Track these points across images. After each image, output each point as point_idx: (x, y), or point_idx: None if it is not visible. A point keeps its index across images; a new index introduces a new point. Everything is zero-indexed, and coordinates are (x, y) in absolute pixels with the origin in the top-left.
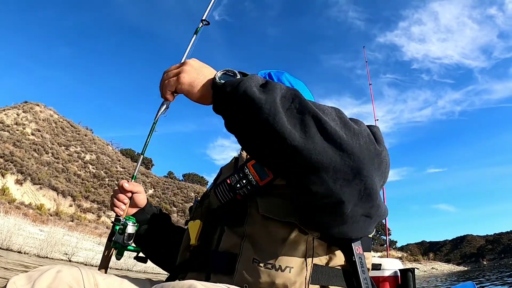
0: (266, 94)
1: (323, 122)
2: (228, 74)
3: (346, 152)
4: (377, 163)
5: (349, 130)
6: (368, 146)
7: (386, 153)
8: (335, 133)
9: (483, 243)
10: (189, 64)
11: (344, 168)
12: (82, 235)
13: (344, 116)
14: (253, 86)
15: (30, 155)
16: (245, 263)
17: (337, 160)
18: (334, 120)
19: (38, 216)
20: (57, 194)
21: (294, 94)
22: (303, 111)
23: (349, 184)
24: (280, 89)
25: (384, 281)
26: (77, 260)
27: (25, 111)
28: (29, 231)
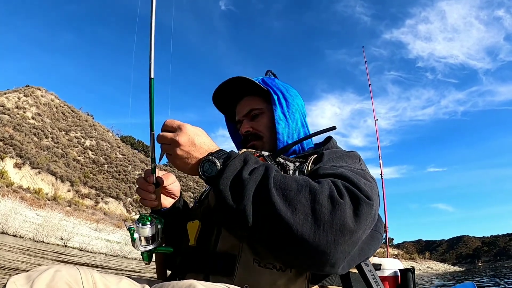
0: (237, 197)
1: (290, 226)
2: (210, 162)
3: (313, 252)
4: (349, 246)
5: (318, 226)
6: (337, 239)
7: (368, 222)
8: (301, 236)
9: (479, 245)
10: (181, 145)
11: (310, 262)
12: (79, 221)
13: (318, 207)
14: (227, 187)
15: (30, 139)
16: (245, 263)
17: (304, 258)
18: (305, 217)
19: (36, 200)
20: (55, 179)
21: (266, 193)
22: (272, 213)
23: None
24: (252, 186)
25: (384, 281)
26: (72, 246)
27: (26, 95)
28: (26, 215)
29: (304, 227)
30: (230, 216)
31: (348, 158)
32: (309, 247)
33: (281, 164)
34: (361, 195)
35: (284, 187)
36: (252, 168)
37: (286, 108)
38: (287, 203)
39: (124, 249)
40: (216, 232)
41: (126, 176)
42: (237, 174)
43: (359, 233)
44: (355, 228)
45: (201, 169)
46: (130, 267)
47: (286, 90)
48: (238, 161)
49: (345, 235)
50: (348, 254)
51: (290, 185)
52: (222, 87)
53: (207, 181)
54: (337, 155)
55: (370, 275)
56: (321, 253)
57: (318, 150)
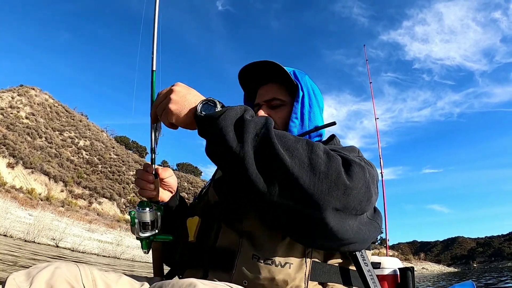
0: (238, 135)
1: (287, 167)
2: (209, 104)
3: (306, 199)
4: (341, 203)
5: (314, 174)
6: (331, 190)
7: (361, 185)
8: (297, 181)
9: (474, 246)
10: (175, 92)
11: (302, 213)
12: (72, 221)
13: (314, 157)
14: (228, 125)
15: (23, 138)
16: (244, 259)
17: (296, 207)
18: (302, 163)
19: (28, 200)
20: (48, 179)
21: (266, 134)
22: (271, 154)
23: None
24: (253, 128)
25: (383, 280)
26: (64, 246)
27: (20, 95)
28: (17, 215)
29: (300, 171)
30: (227, 155)
31: (347, 151)
32: (303, 192)
33: None
34: (352, 159)
35: (283, 135)
36: (252, 115)
37: (308, 108)
38: (285, 148)
39: (117, 249)
40: (215, 228)
41: (120, 176)
42: (239, 116)
43: (352, 193)
44: (349, 184)
45: (199, 109)
46: (122, 268)
47: (313, 91)
48: (238, 107)
49: (339, 189)
50: (339, 213)
51: (289, 136)
52: (252, 65)
53: (205, 121)
54: (336, 147)
55: (368, 274)
56: (313, 203)
57: None
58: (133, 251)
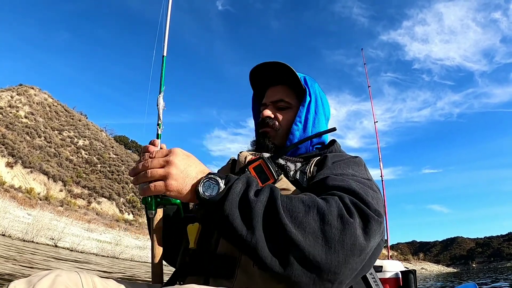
0: (246, 221)
1: (302, 247)
2: (211, 182)
3: (324, 273)
4: (358, 264)
5: (329, 246)
6: (348, 258)
7: (377, 239)
8: (313, 258)
9: (473, 246)
10: (175, 165)
11: (318, 283)
12: (70, 221)
13: (327, 228)
14: (234, 210)
15: (22, 138)
16: (245, 267)
17: (314, 281)
18: (316, 239)
19: (27, 200)
20: (47, 178)
21: (275, 215)
22: (284, 236)
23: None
24: (260, 210)
25: (386, 283)
26: (63, 246)
27: (19, 94)
28: (16, 214)
29: (316, 249)
30: (238, 241)
31: (355, 165)
32: (320, 269)
33: (281, 165)
34: (370, 213)
35: (292, 209)
36: (257, 190)
37: (314, 114)
38: (296, 225)
39: (116, 249)
40: (216, 235)
41: (119, 176)
42: (243, 196)
43: (367, 250)
44: (365, 246)
45: (201, 190)
46: (121, 267)
47: (321, 99)
48: (241, 182)
49: (355, 254)
50: (356, 271)
51: (298, 207)
52: (264, 65)
53: (207, 204)
54: (342, 160)
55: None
56: (331, 273)
57: (321, 152)
58: (132, 251)
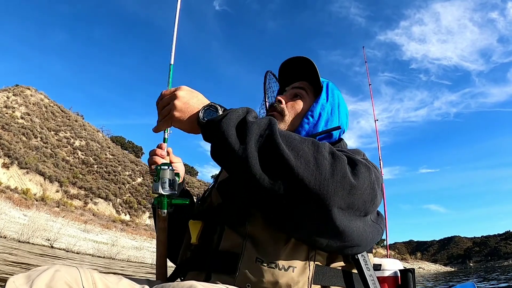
0: (241, 137)
1: (292, 167)
2: (211, 109)
3: (312, 198)
4: (346, 202)
5: (320, 173)
6: (337, 190)
7: (366, 185)
8: (302, 179)
9: (471, 245)
10: (179, 98)
11: (308, 211)
12: (67, 221)
13: (320, 157)
14: (230, 128)
15: (19, 138)
16: (248, 262)
17: (302, 206)
18: (307, 163)
19: (23, 201)
20: (44, 179)
21: (270, 135)
22: (276, 154)
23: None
24: (257, 129)
25: (384, 282)
26: (59, 247)
27: (16, 94)
28: (12, 215)
29: (306, 171)
30: (231, 158)
31: (352, 152)
32: (308, 192)
33: None
34: (357, 158)
35: (288, 135)
36: (256, 115)
37: (328, 115)
38: (291, 148)
39: (112, 250)
40: (218, 231)
41: (115, 176)
42: (241, 118)
43: (357, 192)
44: (354, 184)
45: (201, 115)
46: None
47: (339, 106)
48: (240, 109)
49: (344, 188)
50: (343, 212)
51: (294, 136)
52: (293, 60)
53: (206, 126)
54: (341, 149)
55: (369, 278)
56: (319, 202)
57: None
58: (128, 252)
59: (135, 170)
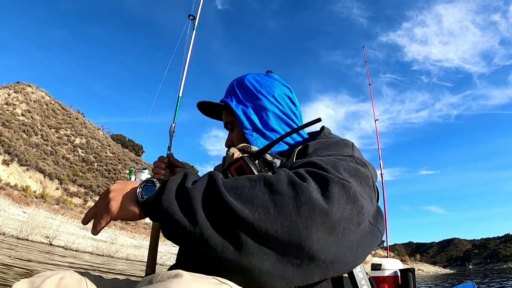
0: (186, 210)
1: (253, 224)
2: (148, 185)
3: (285, 247)
4: (324, 232)
5: (284, 216)
6: (309, 226)
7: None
8: (266, 232)
9: (470, 247)
10: (112, 191)
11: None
12: (66, 219)
13: (278, 198)
14: (171, 202)
15: (19, 136)
16: None
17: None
18: (267, 212)
19: (23, 198)
20: (44, 176)
21: (216, 197)
22: (230, 216)
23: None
24: (199, 194)
25: (384, 281)
26: (58, 244)
27: (16, 92)
28: (11, 212)
29: (267, 221)
30: (185, 236)
31: (336, 147)
32: (279, 243)
33: (268, 162)
34: (328, 175)
35: (236, 186)
36: (194, 179)
37: (255, 112)
38: (242, 201)
39: (111, 248)
40: None
41: (116, 174)
42: (179, 187)
43: (334, 216)
44: (327, 209)
45: (139, 194)
46: (116, 266)
47: (255, 89)
48: (178, 176)
49: (316, 221)
50: (327, 243)
51: (242, 183)
52: (201, 104)
53: (147, 206)
54: (323, 144)
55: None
56: (294, 247)
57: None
58: (127, 250)
59: (135, 169)
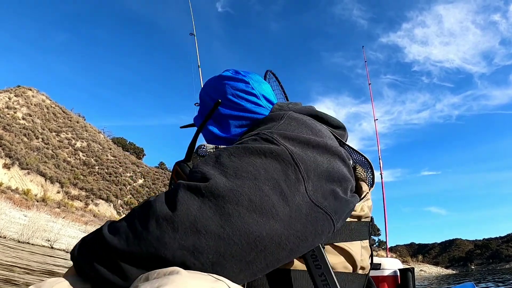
0: (85, 261)
1: (116, 248)
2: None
3: (153, 262)
4: (184, 237)
5: (135, 236)
6: (161, 236)
7: (195, 207)
8: (130, 252)
9: (472, 248)
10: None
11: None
12: (67, 222)
13: (133, 221)
14: (79, 254)
15: (20, 139)
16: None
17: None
18: (127, 234)
19: (24, 201)
20: (45, 180)
21: (97, 237)
22: (101, 247)
23: None
24: (92, 243)
25: (383, 281)
26: (59, 247)
27: (17, 95)
28: (12, 216)
29: (131, 245)
30: (86, 275)
31: (257, 126)
32: (146, 260)
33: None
34: (179, 182)
35: (115, 222)
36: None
37: (213, 125)
38: (113, 233)
39: None
40: None
41: (117, 178)
42: (81, 240)
43: (185, 220)
44: (170, 215)
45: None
46: None
47: (209, 99)
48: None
49: (164, 229)
50: (192, 244)
51: (121, 218)
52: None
53: (71, 258)
54: (255, 124)
55: (319, 278)
56: (158, 259)
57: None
58: None
59: (136, 172)
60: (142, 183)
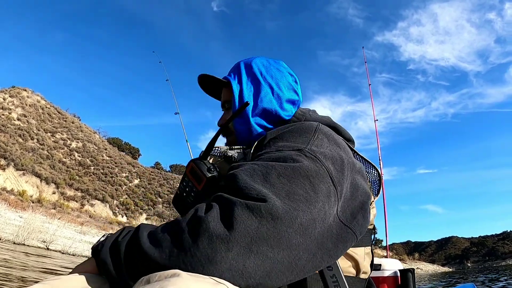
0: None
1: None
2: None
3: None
4: (236, 258)
5: (185, 254)
6: (211, 257)
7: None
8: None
9: (468, 245)
10: None
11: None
12: (63, 223)
13: (180, 236)
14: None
15: (15, 140)
16: None
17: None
18: (171, 250)
19: (19, 202)
20: (40, 180)
21: (136, 241)
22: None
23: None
24: (123, 246)
25: (384, 282)
26: (54, 248)
27: (12, 96)
28: (8, 217)
29: (173, 260)
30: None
31: (291, 135)
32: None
33: (229, 158)
34: (233, 199)
35: (155, 232)
36: (127, 231)
37: (251, 98)
38: (154, 245)
39: None
40: None
41: (112, 178)
42: (114, 241)
43: (241, 241)
44: (228, 236)
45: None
46: None
47: (260, 74)
48: (117, 231)
49: (217, 249)
50: (242, 265)
51: (161, 228)
52: (202, 77)
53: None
54: (280, 132)
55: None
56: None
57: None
58: None
59: (132, 172)
60: (138, 183)
